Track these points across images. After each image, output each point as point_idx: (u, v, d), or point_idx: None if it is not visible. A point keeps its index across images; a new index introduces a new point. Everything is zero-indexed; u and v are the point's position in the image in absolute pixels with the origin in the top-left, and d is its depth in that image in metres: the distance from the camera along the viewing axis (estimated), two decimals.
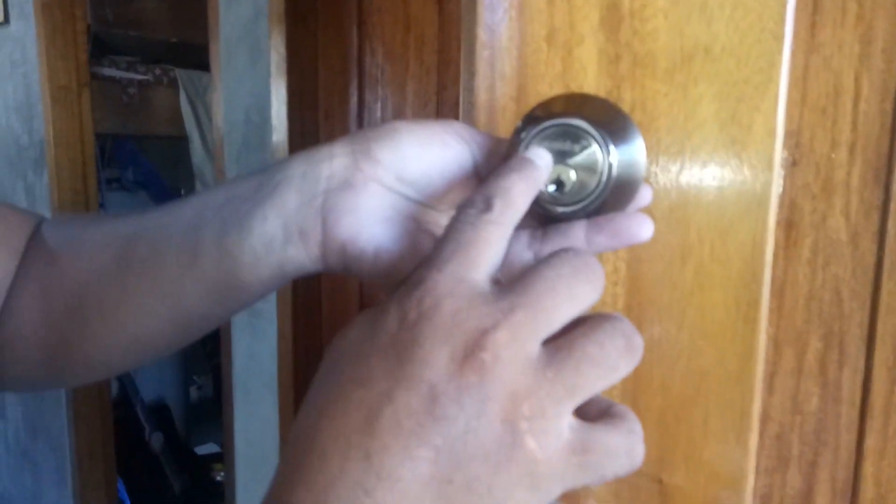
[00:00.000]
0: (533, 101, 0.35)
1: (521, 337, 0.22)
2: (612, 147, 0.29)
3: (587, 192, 0.30)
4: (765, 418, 0.39)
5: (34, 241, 0.40)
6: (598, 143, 0.29)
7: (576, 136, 0.29)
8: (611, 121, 0.30)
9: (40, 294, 0.37)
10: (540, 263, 0.24)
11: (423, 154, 0.31)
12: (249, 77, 1.40)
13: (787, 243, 0.37)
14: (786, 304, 0.38)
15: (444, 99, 1.10)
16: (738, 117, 0.36)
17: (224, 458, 1.78)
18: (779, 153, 0.36)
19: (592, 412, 0.24)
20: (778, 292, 0.38)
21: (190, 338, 0.36)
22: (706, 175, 0.37)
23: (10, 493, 2.55)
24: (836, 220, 0.36)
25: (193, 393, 3.33)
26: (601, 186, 0.30)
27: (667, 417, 0.40)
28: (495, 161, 0.31)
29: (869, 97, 0.34)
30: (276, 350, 1.39)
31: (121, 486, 2.42)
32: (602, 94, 0.35)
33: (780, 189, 0.36)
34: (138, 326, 0.35)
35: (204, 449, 2.93)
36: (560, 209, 0.30)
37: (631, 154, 0.30)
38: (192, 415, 3.15)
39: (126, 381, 2.59)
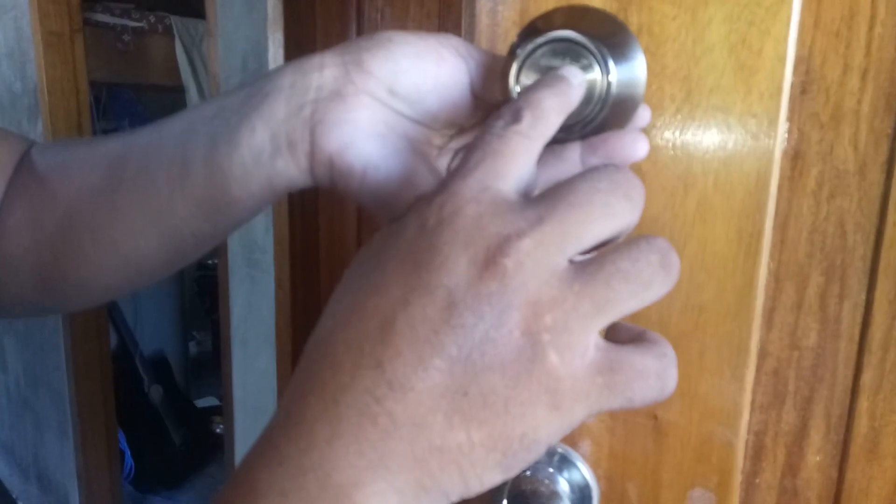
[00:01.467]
0: None
1: (548, 246, 0.21)
2: (611, 63, 0.28)
3: (584, 111, 0.28)
4: (762, 354, 0.39)
5: (24, 163, 0.39)
6: (596, 59, 0.27)
7: (574, 53, 0.28)
8: (611, 35, 0.28)
9: (31, 216, 0.37)
10: (576, 176, 0.23)
11: (418, 67, 0.29)
12: (246, 22, 1.37)
13: (793, 174, 0.36)
14: (788, 238, 0.37)
15: None
16: (749, 42, 0.34)
17: (223, 409, 1.80)
18: (788, 80, 0.35)
19: (623, 338, 0.23)
20: (781, 225, 0.37)
21: (183, 259, 0.35)
22: (712, 103, 0.36)
23: (12, 441, 2.59)
24: (845, 149, 0.35)
25: (192, 348, 3.35)
26: (598, 106, 0.28)
27: None
28: (492, 80, 0.30)
29: (885, 19, 0.33)
30: (273, 301, 1.39)
31: (121, 437, 2.45)
32: None
33: (788, 117, 0.35)
34: (129, 246, 0.34)
35: (203, 402, 2.97)
36: None
37: (631, 72, 0.28)
38: (191, 370, 3.18)
39: (125, 334, 2.60)
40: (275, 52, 1.28)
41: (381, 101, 0.29)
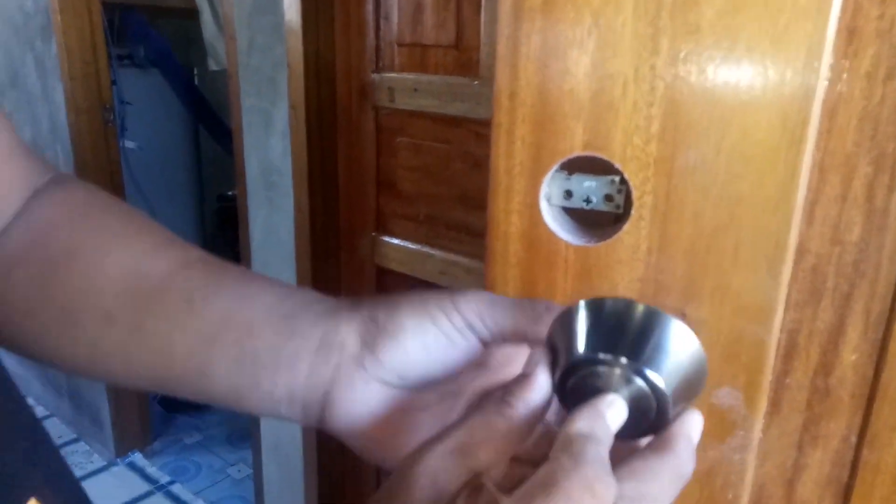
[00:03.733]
0: None
1: None
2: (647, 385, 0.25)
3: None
4: (801, 249, 0.37)
5: (44, 202, 0.36)
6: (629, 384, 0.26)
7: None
8: (637, 355, 0.26)
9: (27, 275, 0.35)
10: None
11: (428, 358, 0.30)
12: None
13: (847, 54, 0.33)
14: (837, 124, 0.35)
15: None
16: None
17: None
18: None
19: None
20: (829, 111, 0.35)
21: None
22: None
23: None
24: None
25: None
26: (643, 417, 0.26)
27: (696, 247, 0.38)
28: (514, 341, 0.30)
29: None
30: (293, 223, 1.39)
31: None
32: None
33: None
34: (118, 364, 0.34)
35: None
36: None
37: (674, 378, 0.26)
38: None
39: None
40: None
41: (391, 384, 0.31)
